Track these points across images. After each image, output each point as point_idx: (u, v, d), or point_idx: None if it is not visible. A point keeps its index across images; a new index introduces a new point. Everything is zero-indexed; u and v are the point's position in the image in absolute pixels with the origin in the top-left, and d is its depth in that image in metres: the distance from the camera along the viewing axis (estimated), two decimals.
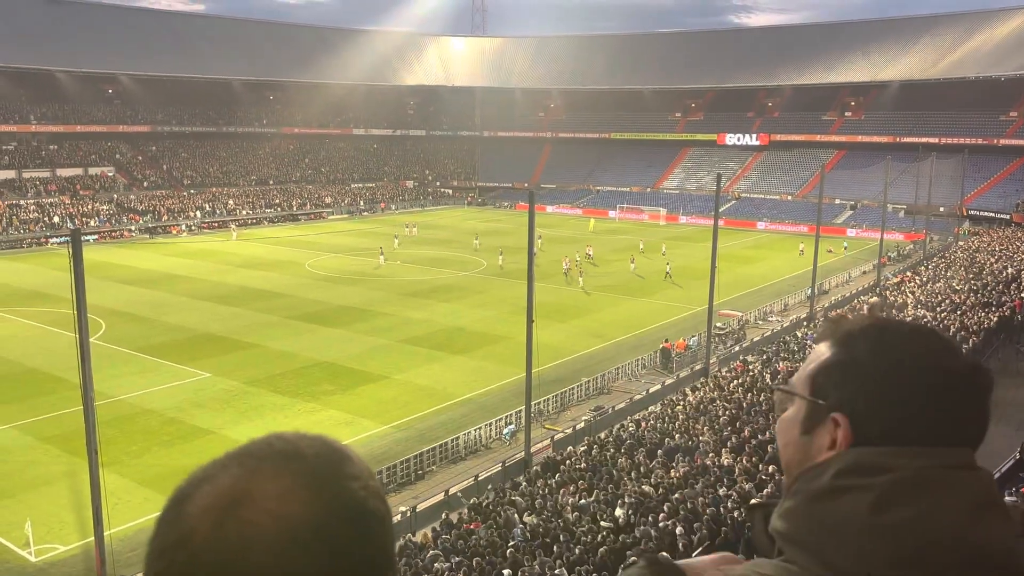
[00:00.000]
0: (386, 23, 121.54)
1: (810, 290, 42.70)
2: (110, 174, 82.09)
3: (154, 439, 25.75)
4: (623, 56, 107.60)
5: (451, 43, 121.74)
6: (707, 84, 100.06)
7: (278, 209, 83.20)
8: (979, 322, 31.69)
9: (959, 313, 33.56)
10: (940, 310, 34.78)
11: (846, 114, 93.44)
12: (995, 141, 79.70)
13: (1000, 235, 58.87)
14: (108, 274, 49.86)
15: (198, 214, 76.71)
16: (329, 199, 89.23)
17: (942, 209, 67.91)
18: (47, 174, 77.96)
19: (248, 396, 29.53)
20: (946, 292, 39.00)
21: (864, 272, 53.63)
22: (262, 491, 0.86)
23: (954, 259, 50.42)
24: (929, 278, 44.85)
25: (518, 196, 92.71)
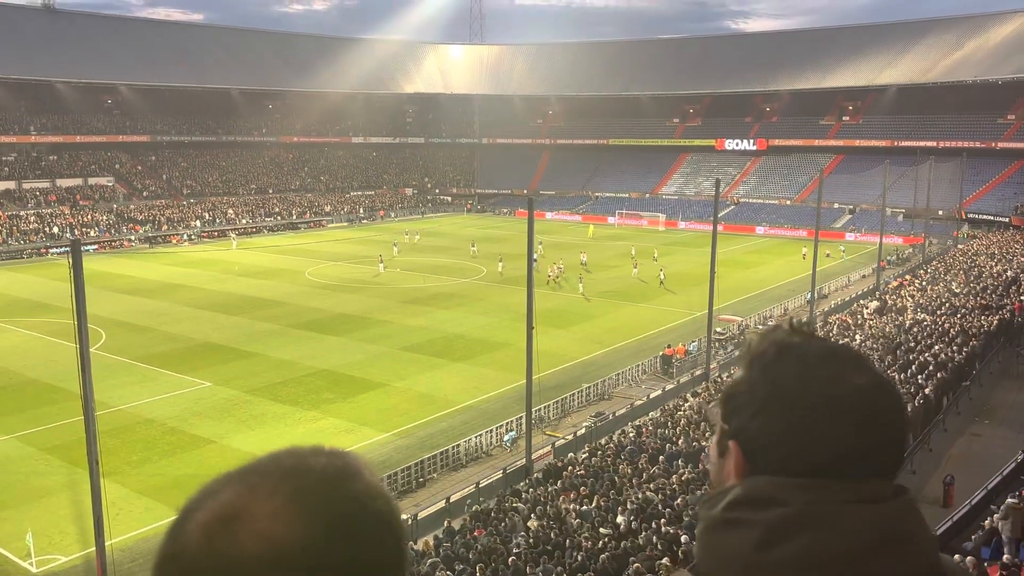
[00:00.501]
0: (384, 31, 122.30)
1: (810, 294, 42.74)
2: (109, 184, 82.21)
3: (155, 449, 25.73)
4: (621, 63, 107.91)
5: (449, 51, 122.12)
6: (705, 90, 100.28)
7: (278, 218, 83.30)
8: (979, 325, 31.71)
9: (959, 316, 33.58)
10: (940, 313, 34.79)
11: (844, 118, 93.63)
12: (993, 144, 79.86)
13: (999, 238, 58.97)
14: (108, 284, 49.89)
15: (198, 223, 76.78)
16: (328, 207, 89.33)
17: (941, 212, 68.00)
18: (47, 185, 78.09)
19: (248, 405, 29.52)
20: (945, 295, 39.02)
21: (863, 276, 53.68)
22: (255, 510, 0.87)
23: (953, 262, 50.46)
24: (928, 281, 44.88)
25: (517, 203, 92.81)
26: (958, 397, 26.50)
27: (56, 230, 68.72)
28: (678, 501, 18.67)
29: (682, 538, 16.39)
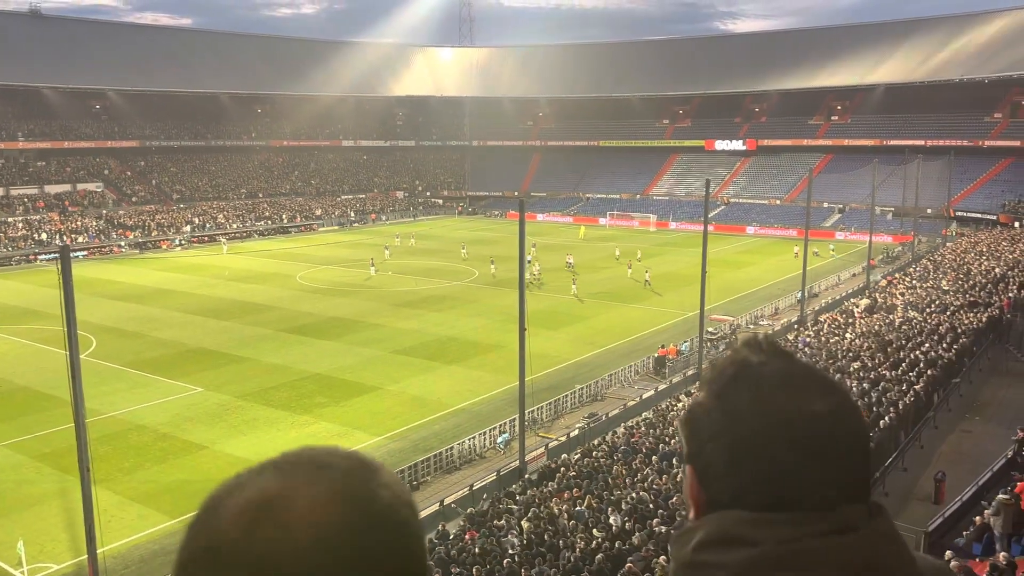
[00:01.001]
0: (373, 34, 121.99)
1: (800, 294, 42.91)
2: (98, 190, 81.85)
3: (147, 455, 25.62)
4: (610, 64, 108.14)
5: (439, 53, 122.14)
6: (694, 91, 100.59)
7: (268, 222, 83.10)
8: (968, 323, 31.88)
9: (948, 314, 33.75)
10: (929, 311, 34.96)
11: (832, 118, 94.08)
12: (980, 142, 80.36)
13: (987, 235, 59.30)
14: (98, 290, 49.67)
15: (188, 228, 76.52)
16: (319, 211, 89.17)
17: (929, 211, 68.38)
18: (35, 191, 77.70)
19: (241, 410, 29.43)
20: (935, 293, 39.22)
21: (853, 275, 53.90)
22: (295, 497, 0.86)
23: (942, 260, 50.73)
24: (918, 280, 45.11)
25: (508, 205, 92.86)
26: (948, 394, 26.64)
27: (45, 236, 68.39)
28: (672, 500, 18.71)
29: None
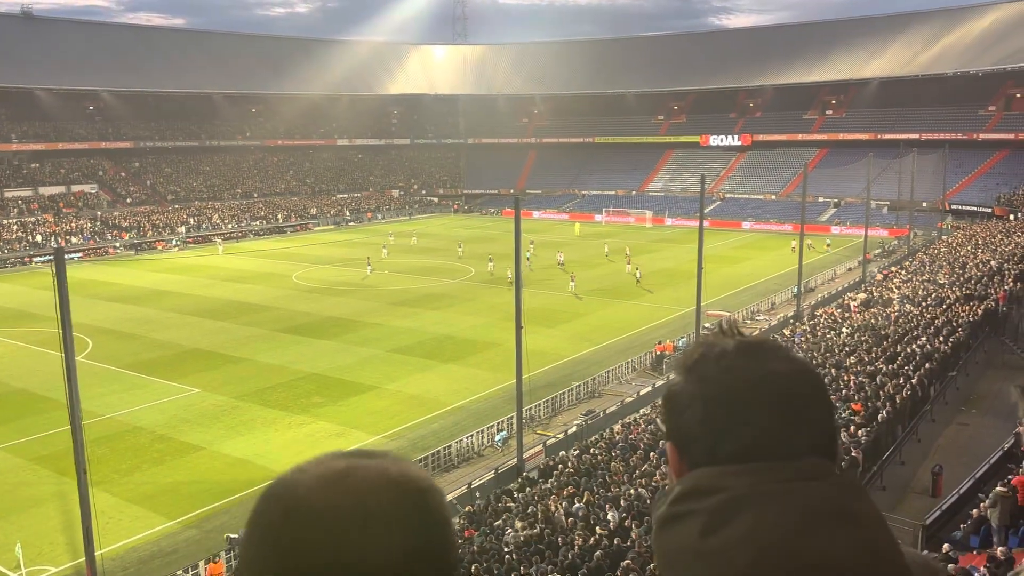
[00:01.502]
0: (367, 32, 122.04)
1: (796, 288, 42.95)
2: (93, 191, 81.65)
3: (144, 456, 25.58)
4: (605, 60, 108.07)
5: (433, 51, 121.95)
6: (689, 86, 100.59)
7: (263, 222, 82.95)
8: (965, 315, 31.93)
9: (944, 307, 33.80)
10: (925, 305, 35.01)
11: (827, 112, 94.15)
12: (975, 136, 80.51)
13: (983, 228, 59.40)
14: (93, 292, 49.55)
15: (183, 229, 76.36)
16: (314, 210, 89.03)
17: (925, 204, 68.48)
18: (29, 193, 77.49)
19: (238, 411, 29.39)
20: (931, 286, 39.28)
21: (849, 269, 53.97)
22: (358, 472, 0.95)
23: (938, 253, 50.80)
24: (914, 273, 45.18)
25: (504, 202, 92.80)
26: (945, 387, 26.71)
27: (40, 238, 68.20)
28: None
29: None
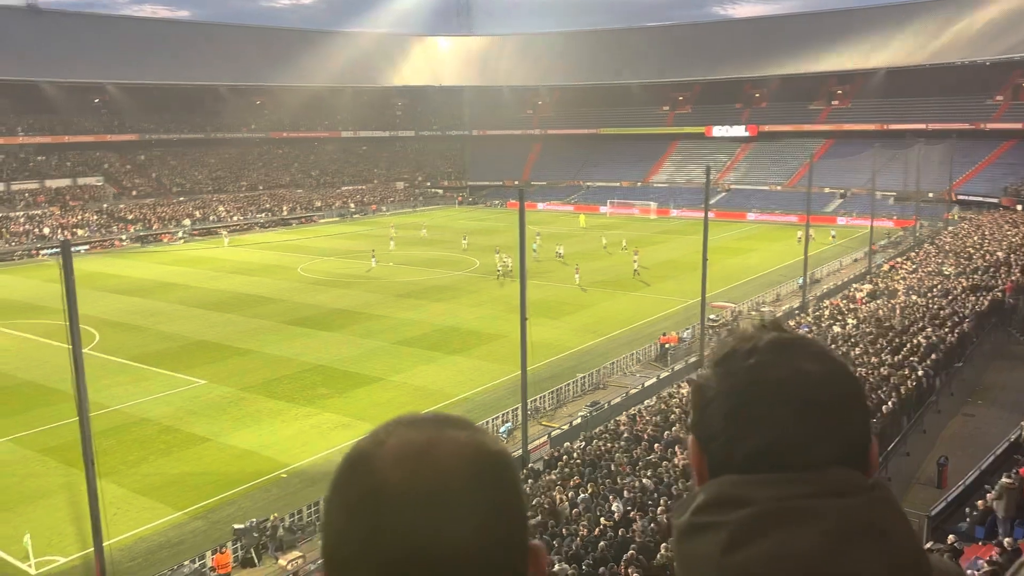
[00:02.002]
0: (371, 24, 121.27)
1: (802, 279, 42.88)
2: (99, 184, 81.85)
3: (151, 448, 25.72)
4: (610, 51, 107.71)
5: (437, 43, 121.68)
6: (694, 77, 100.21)
7: (269, 214, 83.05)
8: (971, 306, 31.85)
9: (950, 298, 33.72)
10: (931, 296, 34.93)
11: (833, 103, 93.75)
12: (982, 125, 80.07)
13: (989, 219, 59.17)
14: (100, 284, 49.74)
15: (188, 222, 76.51)
16: (319, 202, 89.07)
17: (931, 195, 68.17)
18: (35, 185, 77.72)
19: (244, 402, 29.51)
20: (937, 277, 39.18)
21: (855, 260, 53.85)
22: (439, 444, 0.93)
23: (944, 244, 50.64)
24: (920, 264, 45.05)
25: (509, 194, 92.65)
26: (951, 378, 26.66)
27: (47, 231, 68.41)
28: (674, 488, 18.76)
29: None
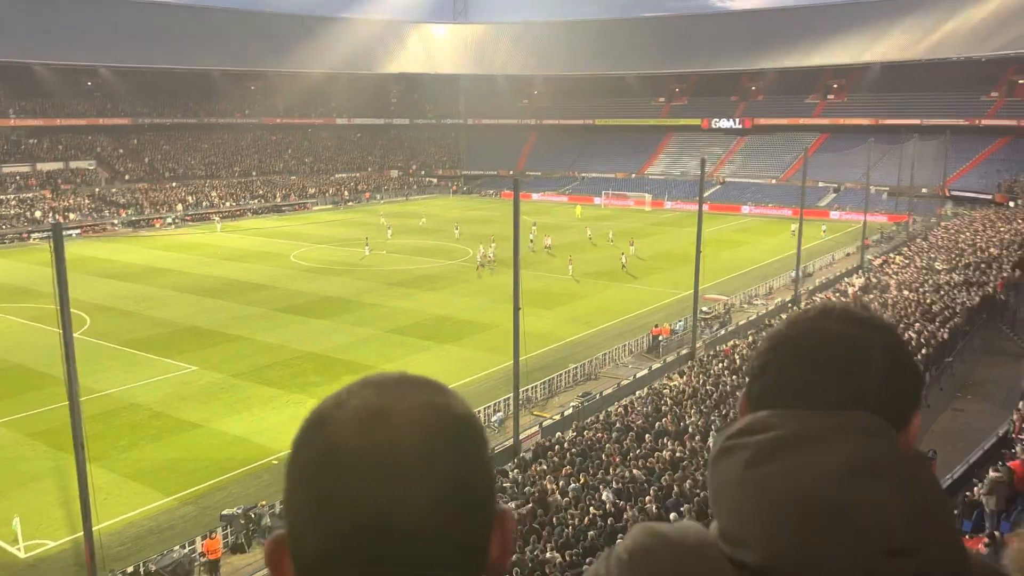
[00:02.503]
0: (367, 10, 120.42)
1: (794, 273, 42.96)
2: (91, 168, 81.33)
3: (141, 433, 25.67)
4: (607, 41, 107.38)
5: (433, 30, 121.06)
6: (691, 69, 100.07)
7: (262, 200, 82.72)
8: (962, 302, 31.98)
9: (942, 294, 33.84)
10: (923, 291, 35.05)
11: (829, 97, 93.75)
12: (976, 121, 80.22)
13: (982, 215, 59.33)
14: (91, 268, 49.51)
15: (181, 207, 76.16)
16: (313, 189, 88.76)
17: (925, 190, 68.34)
18: (27, 168, 77.19)
19: (235, 389, 29.46)
20: (929, 273, 39.31)
21: (848, 254, 53.96)
22: (397, 406, 0.93)
23: (937, 240, 50.78)
24: (912, 259, 45.18)
25: (503, 184, 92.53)
26: (941, 373, 26.79)
27: (38, 215, 68.03)
28: (664, 478, 18.83)
29: (671, 516, 16.54)
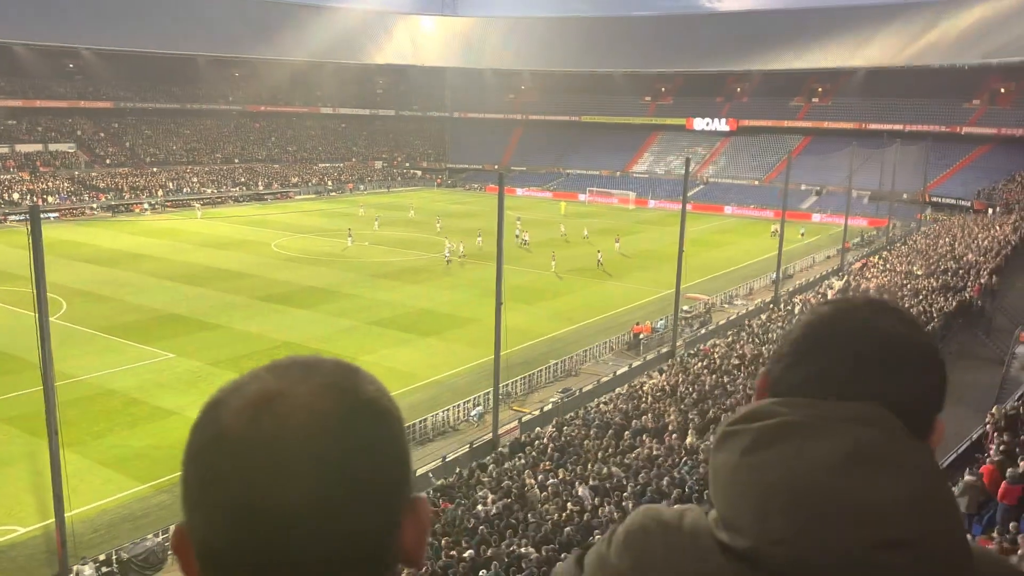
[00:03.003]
0: (354, 0, 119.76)
1: (775, 274, 43.23)
2: (71, 151, 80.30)
3: (116, 420, 25.41)
4: (595, 39, 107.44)
5: (421, 22, 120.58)
6: (677, 68, 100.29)
7: (243, 188, 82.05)
8: (939, 307, 32.29)
9: (920, 298, 34.16)
10: (901, 295, 35.36)
11: (813, 100, 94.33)
12: (958, 129, 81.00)
13: (961, 221, 59.94)
14: (69, 252, 48.89)
15: (161, 192, 75.40)
16: (296, 179, 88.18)
17: (905, 196, 68.94)
18: (6, 150, 76.07)
19: (212, 377, 29.19)
20: (908, 277, 39.67)
21: (828, 257, 54.36)
22: (291, 391, 0.92)
23: (916, 245, 51.27)
24: (891, 263, 45.58)
25: (488, 178, 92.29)
26: None
27: (16, 196, 67.09)
28: (641, 476, 18.88)
29: None
